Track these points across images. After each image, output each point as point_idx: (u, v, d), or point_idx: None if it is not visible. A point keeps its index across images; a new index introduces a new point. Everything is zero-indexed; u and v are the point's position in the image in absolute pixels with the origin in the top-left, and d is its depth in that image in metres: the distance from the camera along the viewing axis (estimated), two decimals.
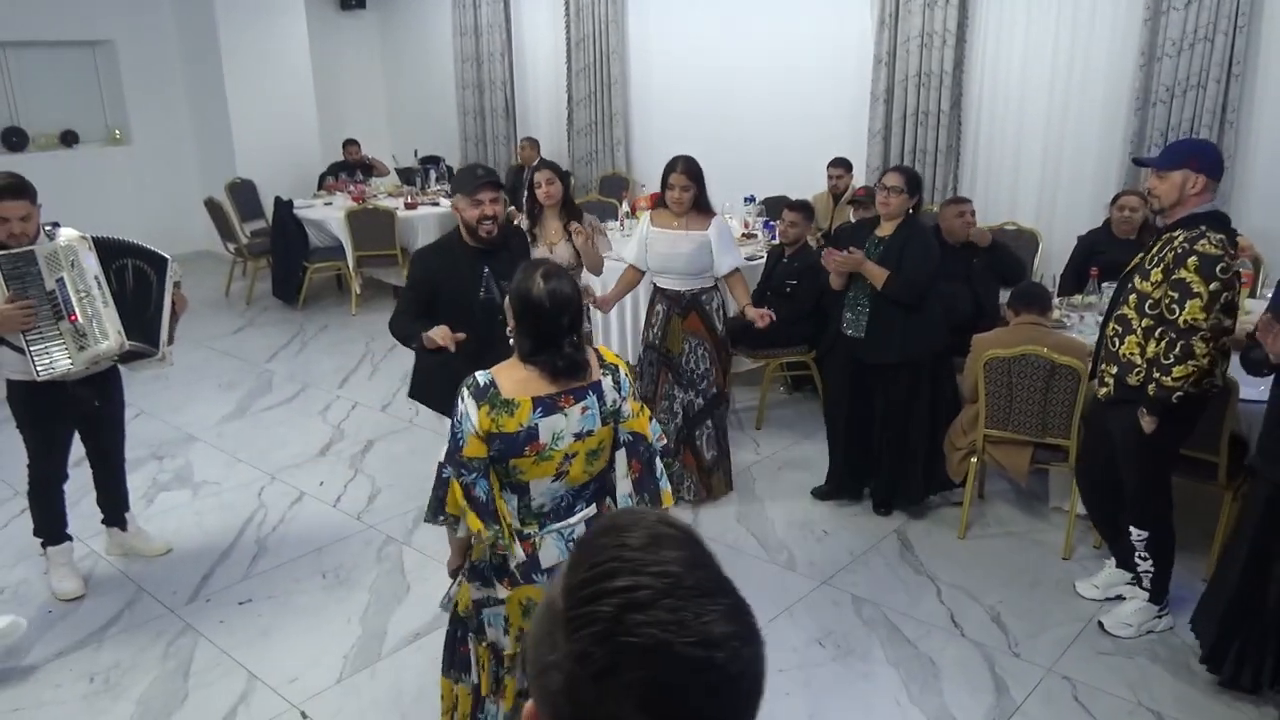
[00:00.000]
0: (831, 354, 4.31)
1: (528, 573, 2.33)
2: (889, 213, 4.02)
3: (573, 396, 2.26)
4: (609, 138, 9.00)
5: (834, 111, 7.36)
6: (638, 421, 2.40)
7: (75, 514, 4.44)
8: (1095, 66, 6.16)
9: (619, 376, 2.36)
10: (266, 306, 8.00)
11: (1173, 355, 3.01)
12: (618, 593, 0.73)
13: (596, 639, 0.72)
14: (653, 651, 0.70)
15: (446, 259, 3.43)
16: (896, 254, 3.96)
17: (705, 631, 0.71)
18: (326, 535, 4.25)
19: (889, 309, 3.99)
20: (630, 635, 0.71)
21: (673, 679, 0.70)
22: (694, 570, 0.75)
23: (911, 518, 4.30)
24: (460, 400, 2.24)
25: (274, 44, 9.33)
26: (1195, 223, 3.06)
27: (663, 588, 0.73)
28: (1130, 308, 3.14)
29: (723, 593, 0.75)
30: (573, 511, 2.36)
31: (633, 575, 0.73)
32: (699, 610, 0.72)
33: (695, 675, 0.70)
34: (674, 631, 0.71)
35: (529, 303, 2.23)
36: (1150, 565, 3.39)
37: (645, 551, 0.75)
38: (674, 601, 0.72)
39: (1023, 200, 6.63)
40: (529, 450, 2.23)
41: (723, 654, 0.71)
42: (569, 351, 2.25)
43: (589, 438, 2.29)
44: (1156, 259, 3.10)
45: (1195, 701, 3.10)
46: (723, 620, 0.73)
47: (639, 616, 0.71)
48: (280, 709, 3.14)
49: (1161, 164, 3.08)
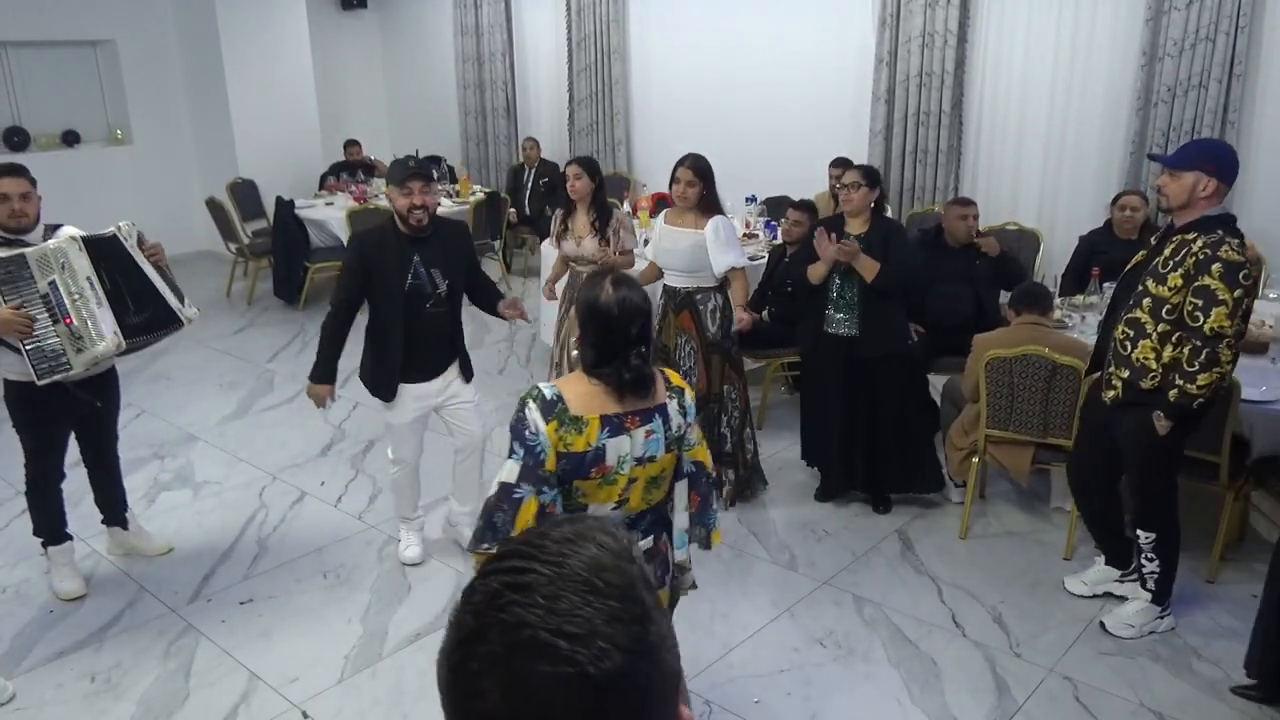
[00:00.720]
0: (816, 357, 4.30)
1: None
2: (854, 209, 4.08)
3: (638, 418, 2.14)
4: (610, 137, 9.00)
5: (835, 111, 7.36)
6: (701, 450, 2.30)
7: (75, 514, 4.44)
8: (1096, 66, 6.16)
9: (684, 401, 2.24)
10: (268, 306, 8.00)
11: (1198, 362, 2.97)
12: (508, 571, 0.74)
13: (472, 609, 0.74)
14: (513, 629, 0.70)
15: (378, 246, 3.58)
16: (881, 248, 4.01)
17: (574, 626, 0.70)
18: (327, 535, 4.25)
19: (878, 303, 4.06)
20: (501, 611, 0.71)
21: (525, 664, 0.69)
22: (599, 572, 0.74)
23: (913, 518, 4.30)
24: (524, 413, 2.10)
25: (275, 44, 9.33)
26: (1211, 226, 3.02)
27: (551, 576, 0.73)
28: (1144, 312, 3.09)
29: (623, 599, 0.73)
30: None
31: (529, 560, 0.74)
32: (578, 605, 0.71)
33: (549, 665, 0.69)
34: (539, 617, 0.70)
35: (595, 311, 2.11)
36: (1156, 566, 3.38)
37: (559, 544, 0.75)
38: (555, 590, 0.72)
39: (1024, 200, 6.63)
40: (595, 472, 2.10)
41: (586, 653, 0.69)
42: (636, 364, 2.11)
43: (650, 464, 2.16)
44: (1172, 263, 3.04)
45: (1197, 702, 3.10)
46: (604, 622, 0.71)
47: (515, 596, 0.72)
48: (281, 709, 3.15)
49: (1176, 164, 3.04)
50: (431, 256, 3.58)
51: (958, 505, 4.29)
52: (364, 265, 3.58)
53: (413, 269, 3.55)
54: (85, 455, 3.89)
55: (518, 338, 7.02)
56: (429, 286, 3.58)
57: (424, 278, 3.56)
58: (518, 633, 0.70)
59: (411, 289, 3.56)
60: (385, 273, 3.55)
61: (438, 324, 3.66)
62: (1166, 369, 3.07)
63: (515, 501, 2.08)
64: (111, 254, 3.45)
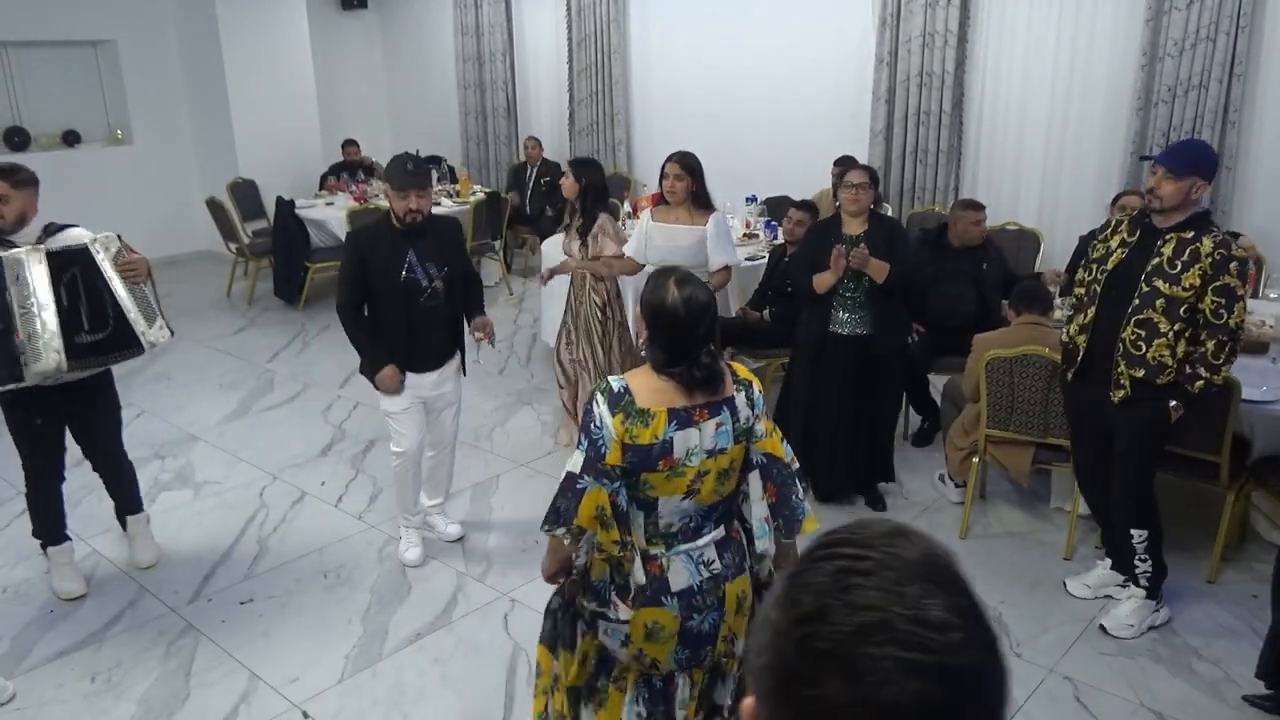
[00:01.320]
0: (819, 358, 4.24)
1: (656, 595, 2.18)
2: (858, 209, 4.08)
3: (707, 410, 2.14)
4: (610, 137, 9.00)
5: (835, 111, 7.36)
6: (770, 442, 2.27)
7: (75, 514, 4.45)
8: (1097, 66, 6.16)
9: (752, 393, 2.23)
10: (268, 306, 8.00)
11: (1224, 355, 3.13)
12: (843, 557, 0.71)
13: (810, 590, 0.70)
14: (863, 610, 0.67)
15: (374, 241, 3.66)
16: (885, 248, 4.02)
17: (925, 613, 0.67)
18: (328, 535, 4.25)
19: (887, 301, 4.07)
20: (845, 593, 0.68)
21: (875, 647, 0.66)
22: (930, 563, 0.71)
23: (913, 518, 4.30)
24: (593, 406, 2.12)
25: (275, 44, 9.33)
26: (1205, 224, 3.13)
27: (889, 562, 0.69)
28: (1158, 313, 3.13)
29: (958, 592, 0.70)
30: (701, 533, 2.21)
31: (862, 548, 0.71)
32: (924, 593, 0.68)
33: (903, 650, 0.65)
34: (891, 599, 0.67)
35: (662, 312, 2.11)
36: (1149, 565, 3.39)
37: (880, 538, 0.72)
38: (898, 576, 0.69)
39: (1024, 200, 6.63)
40: (662, 465, 2.11)
41: (939, 639, 0.66)
42: (706, 362, 2.11)
43: (721, 456, 2.16)
44: (1180, 263, 3.10)
45: (1198, 702, 3.10)
46: (957, 615, 0.68)
47: (858, 580, 0.68)
48: (281, 709, 3.15)
49: (1176, 168, 3.08)
50: (425, 250, 3.64)
51: (958, 505, 4.29)
52: (361, 260, 3.64)
53: (406, 264, 3.61)
54: (87, 457, 3.90)
55: (518, 338, 7.02)
56: (423, 280, 3.64)
57: (418, 272, 3.63)
58: (866, 614, 0.67)
59: (406, 282, 3.62)
60: (381, 266, 3.63)
61: (435, 316, 3.72)
62: (1183, 364, 3.17)
63: (579, 491, 2.11)
64: (77, 268, 3.35)
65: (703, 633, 2.22)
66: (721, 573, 2.22)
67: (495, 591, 3.79)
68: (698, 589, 2.19)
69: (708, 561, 2.21)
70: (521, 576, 3.87)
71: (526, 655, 3.39)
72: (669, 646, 2.21)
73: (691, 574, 2.19)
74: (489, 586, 3.82)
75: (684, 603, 2.18)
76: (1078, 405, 3.50)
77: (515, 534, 4.25)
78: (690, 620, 2.19)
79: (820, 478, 4.43)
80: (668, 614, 2.18)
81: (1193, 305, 3.10)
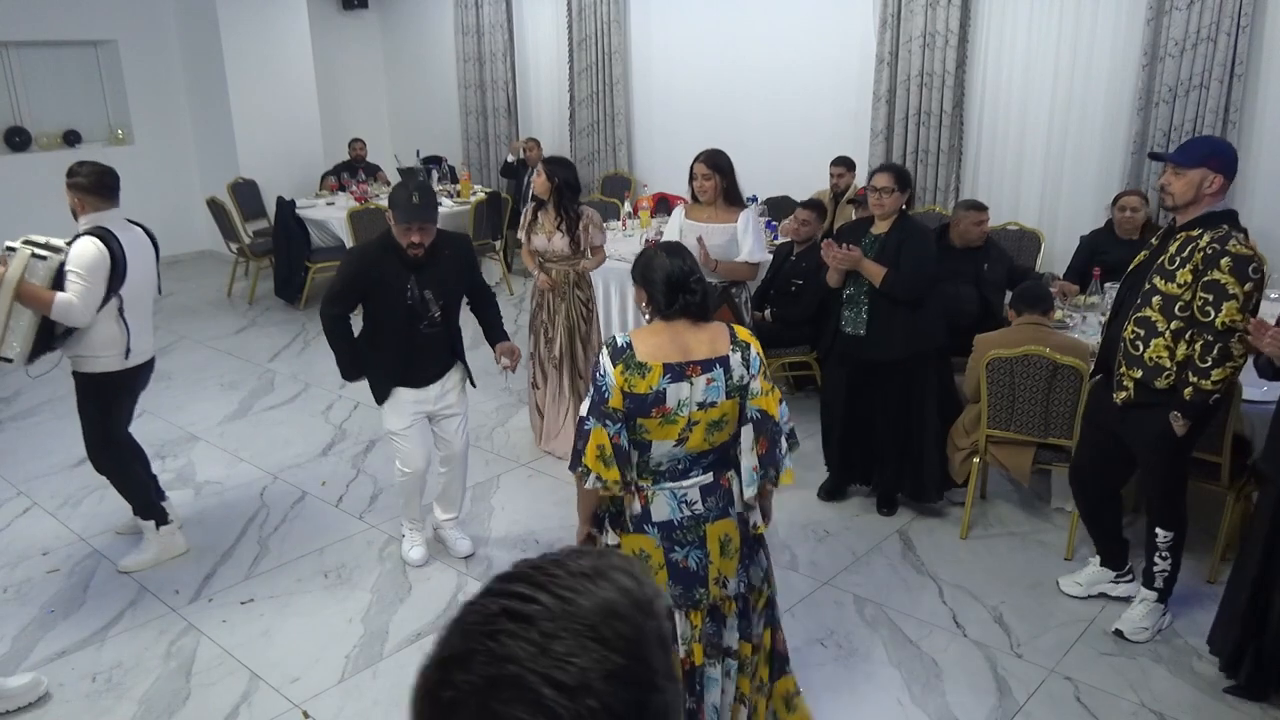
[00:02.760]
0: (830, 352, 4.30)
1: (640, 523, 2.48)
2: (884, 213, 4.02)
3: (700, 367, 2.40)
4: (611, 137, 9.00)
5: (836, 111, 7.36)
6: (766, 400, 2.48)
7: (76, 514, 4.46)
8: (1098, 66, 6.16)
9: (749, 354, 2.47)
10: (269, 306, 8.00)
11: (1210, 358, 2.96)
12: (511, 596, 0.68)
13: (462, 629, 0.67)
14: (498, 662, 0.64)
15: (376, 264, 3.56)
16: (894, 251, 3.97)
17: (565, 675, 0.64)
18: (329, 535, 4.25)
19: (888, 306, 3.99)
20: (490, 639, 0.65)
21: (502, 705, 0.63)
22: (610, 618, 0.67)
23: (914, 518, 4.30)
24: (600, 357, 2.43)
25: (276, 44, 9.33)
26: (1216, 222, 3.01)
27: (556, 611, 0.66)
28: (1154, 310, 3.07)
29: (630, 656, 0.66)
30: (687, 475, 2.47)
31: (537, 589, 0.67)
32: (575, 650, 0.64)
33: (526, 713, 0.63)
34: (530, 655, 0.64)
35: (660, 274, 2.43)
36: (1168, 565, 3.36)
37: (575, 578, 0.68)
38: (555, 628, 0.65)
39: (1025, 201, 6.63)
40: (655, 412, 2.37)
41: (571, 708, 0.63)
42: (695, 290, 2.44)
43: (711, 409, 2.41)
44: (1179, 260, 3.03)
45: (1198, 702, 3.09)
46: (601, 678, 0.64)
47: (510, 625, 0.66)
48: (282, 709, 3.15)
49: (1181, 161, 3.02)
50: (427, 279, 3.58)
51: (958, 505, 4.29)
52: (361, 280, 3.60)
53: (409, 290, 3.55)
54: None
55: (518, 338, 6.99)
56: (422, 309, 3.59)
57: (418, 299, 3.57)
58: (502, 667, 0.64)
59: (409, 311, 3.58)
60: (383, 295, 3.58)
61: (433, 340, 3.69)
62: (1180, 367, 3.05)
63: (585, 432, 2.39)
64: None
65: (689, 570, 2.47)
66: (703, 514, 2.48)
67: None
68: (677, 524, 2.46)
69: (690, 501, 2.47)
70: None
71: None
72: (661, 579, 2.45)
73: (672, 510, 2.46)
74: None
75: (664, 534, 2.46)
76: (1092, 407, 3.49)
77: (516, 534, 4.25)
78: (673, 553, 2.46)
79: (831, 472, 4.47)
80: (650, 541, 2.47)
81: (1187, 303, 3.01)
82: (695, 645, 2.51)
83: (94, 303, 3.56)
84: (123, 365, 3.76)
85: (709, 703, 2.55)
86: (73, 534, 4.27)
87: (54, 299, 3.49)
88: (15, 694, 3.11)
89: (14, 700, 3.11)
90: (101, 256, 3.55)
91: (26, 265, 3.48)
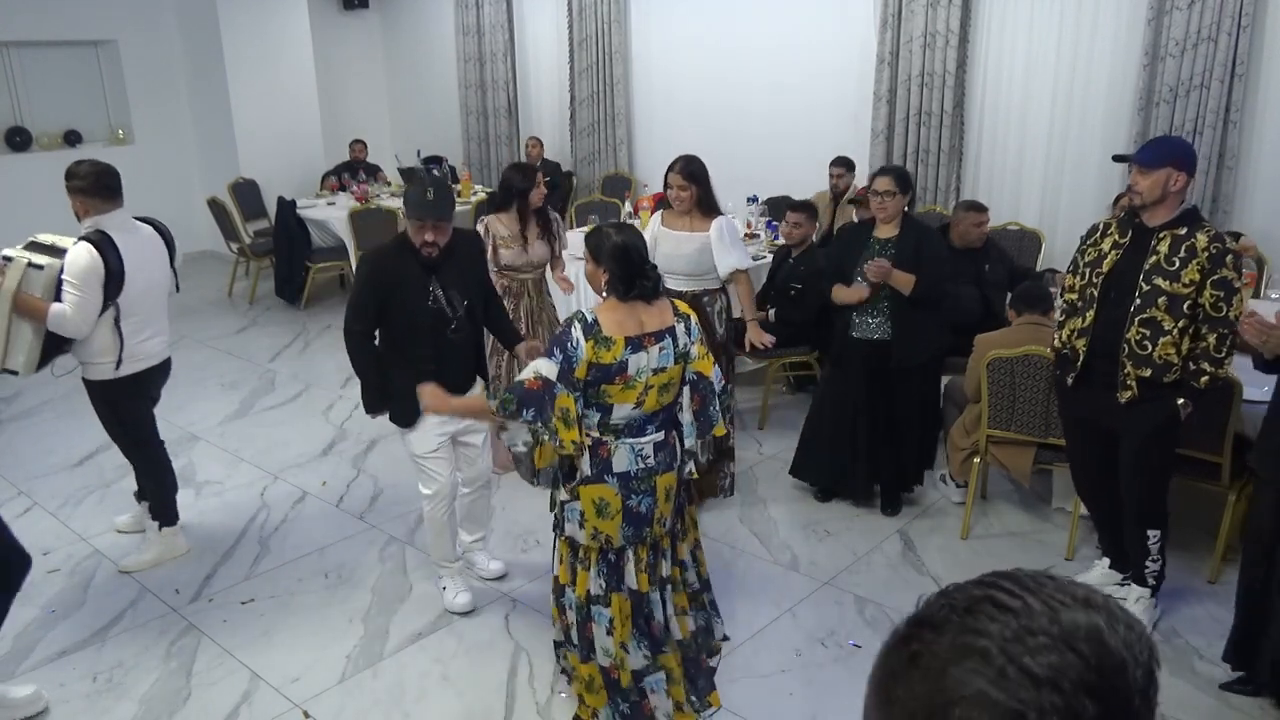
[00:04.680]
0: (839, 361, 4.22)
1: (600, 474, 2.80)
2: (887, 216, 4.02)
3: (654, 338, 2.76)
4: (611, 137, 9.00)
5: (836, 112, 7.36)
6: (702, 364, 2.89)
7: (77, 513, 4.46)
8: (1098, 66, 6.16)
9: (690, 324, 2.86)
10: (269, 306, 8.01)
11: (1225, 348, 3.14)
12: (998, 589, 0.68)
13: (945, 600, 0.68)
14: (970, 634, 0.66)
15: (394, 267, 3.33)
16: (913, 256, 3.96)
17: (1037, 666, 0.64)
18: (329, 535, 4.25)
19: (912, 310, 3.99)
20: (969, 614, 0.67)
21: (965, 674, 0.65)
22: (1094, 641, 0.66)
23: (914, 518, 4.30)
24: (572, 330, 2.70)
25: (277, 43, 9.33)
26: (1196, 220, 3.14)
27: (1040, 614, 0.66)
28: (1160, 310, 3.13)
29: (1106, 678, 0.65)
30: (644, 432, 2.83)
31: (1027, 592, 0.68)
32: (1050, 651, 0.65)
33: (988, 685, 0.64)
34: (1003, 638, 0.65)
35: (615, 253, 2.76)
36: (1159, 565, 3.38)
37: (1064, 594, 0.68)
38: (1035, 626, 0.66)
39: (1026, 201, 6.63)
40: (618, 380, 2.72)
41: (1033, 696, 0.64)
42: (651, 277, 2.79)
43: (662, 373, 2.78)
44: (1178, 260, 3.10)
45: (1198, 702, 3.10)
46: (1072, 684, 0.64)
47: (990, 609, 0.67)
48: (282, 708, 3.15)
49: (1147, 162, 3.12)
50: (449, 278, 3.36)
51: (959, 505, 4.29)
52: (381, 291, 3.33)
53: (432, 294, 3.33)
54: None
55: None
56: (450, 311, 3.35)
57: (444, 302, 3.34)
58: (974, 639, 0.65)
59: (435, 315, 3.33)
60: (405, 299, 3.32)
61: (461, 349, 3.44)
62: (1188, 360, 3.17)
63: (555, 395, 2.67)
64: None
65: (641, 514, 2.84)
66: (654, 466, 2.84)
67: (497, 591, 3.80)
68: (634, 475, 2.81)
69: (645, 456, 2.82)
70: (523, 577, 3.88)
71: (527, 655, 3.39)
72: (616, 522, 2.82)
73: (630, 462, 2.81)
74: (490, 586, 3.82)
75: (622, 484, 2.80)
76: (1077, 410, 3.47)
77: (516, 534, 4.25)
78: (629, 500, 2.82)
79: (834, 475, 4.40)
80: (610, 490, 2.80)
81: (1194, 301, 3.11)
82: (641, 575, 2.91)
83: (91, 312, 3.49)
84: (114, 374, 3.69)
85: (658, 620, 2.97)
86: (73, 534, 4.27)
87: (49, 310, 3.44)
88: (18, 704, 3.11)
89: (16, 710, 3.10)
90: (94, 264, 3.47)
91: (23, 276, 3.44)
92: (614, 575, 2.89)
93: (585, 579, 2.90)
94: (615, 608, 2.89)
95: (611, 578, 2.89)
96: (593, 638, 2.92)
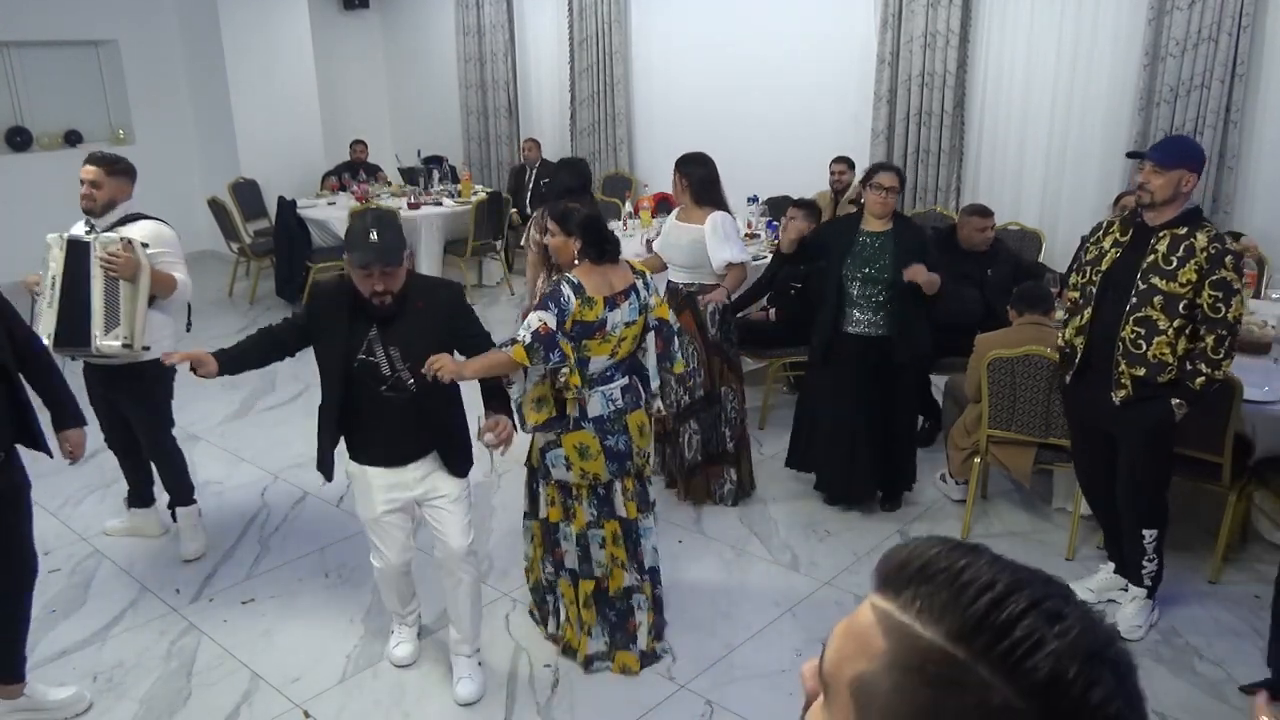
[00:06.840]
0: (833, 357, 4.18)
1: (578, 422, 3.08)
2: (885, 210, 4.03)
3: (623, 295, 3.09)
4: (612, 137, 9.00)
5: (837, 112, 7.36)
6: (660, 310, 3.26)
7: (77, 513, 4.47)
8: (1099, 66, 6.16)
9: (647, 279, 3.22)
10: (270, 306, 8.00)
11: (1223, 349, 3.11)
12: None
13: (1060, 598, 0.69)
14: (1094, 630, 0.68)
15: (331, 308, 2.94)
16: (917, 250, 3.98)
17: None
18: (329, 535, 4.25)
19: (913, 306, 4.01)
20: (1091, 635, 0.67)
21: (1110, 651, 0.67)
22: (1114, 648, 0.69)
23: (914, 518, 4.30)
24: (562, 287, 2.99)
25: (277, 43, 9.34)
26: (1198, 219, 3.12)
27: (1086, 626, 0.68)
28: (1156, 309, 3.12)
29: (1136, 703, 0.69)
30: (613, 380, 3.13)
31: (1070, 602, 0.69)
32: None
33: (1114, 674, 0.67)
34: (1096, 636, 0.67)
35: (584, 222, 3.12)
36: (1155, 564, 3.38)
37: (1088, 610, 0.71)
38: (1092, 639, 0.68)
39: (1026, 200, 6.63)
40: (598, 335, 3.03)
41: None
42: (613, 240, 3.15)
43: (632, 325, 3.12)
44: (1175, 259, 3.08)
45: (1199, 703, 3.09)
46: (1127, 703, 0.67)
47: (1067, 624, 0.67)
48: (283, 708, 3.15)
49: (1163, 161, 3.08)
50: (395, 335, 2.87)
51: (959, 505, 4.29)
52: (309, 326, 3.00)
53: (366, 345, 2.88)
54: None
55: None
56: (384, 368, 2.89)
57: (379, 356, 2.88)
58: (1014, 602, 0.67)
59: (361, 366, 2.89)
60: (331, 342, 2.92)
61: (399, 409, 2.95)
62: (1185, 360, 3.15)
63: (555, 341, 2.94)
64: (79, 260, 3.48)
65: (620, 451, 3.14)
66: (623, 407, 3.14)
67: (496, 591, 3.80)
68: (607, 417, 3.10)
69: (614, 399, 3.13)
70: (522, 577, 3.87)
71: (527, 655, 3.39)
72: (600, 461, 3.11)
73: (603, 406, 3.10)
74: (490, 587, 3.82)
75: (597, 426, 3.09)
76: (1078, 408, 3.47)
77: (515, 535, 4.24)
78: (607, 440, 3.11)
79: (835, 479, 4.36)
80: (588, 434, 3.09)
81: (1191, 301, 3.09)
82: (629, 504, 3.22)
83: None
84: None
85: (647, 546, 3.29)
86: (74, 534, 4.27)
87: (176, 279, 3.66)
88: (62, 705, 3.10)
89: (60, 711, 3.10)
90: (175, 233, 3.75)
91: None
92: (605, 506, 3.21)
93: (581, 512, 3.20)
94: (609, 531, 3.23)
95: (603, 509, 3.21)
96: (590, 556, 3.23)
